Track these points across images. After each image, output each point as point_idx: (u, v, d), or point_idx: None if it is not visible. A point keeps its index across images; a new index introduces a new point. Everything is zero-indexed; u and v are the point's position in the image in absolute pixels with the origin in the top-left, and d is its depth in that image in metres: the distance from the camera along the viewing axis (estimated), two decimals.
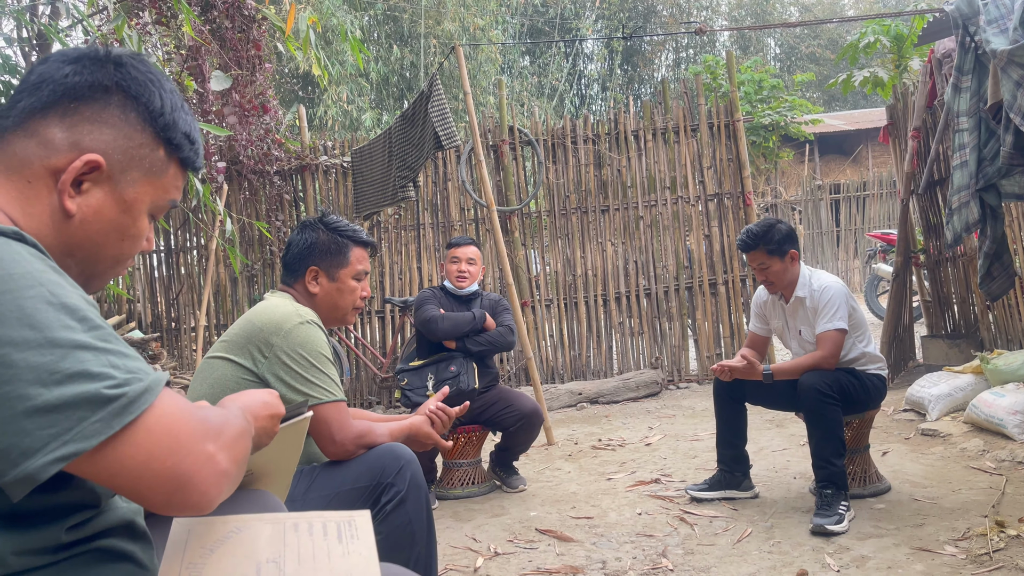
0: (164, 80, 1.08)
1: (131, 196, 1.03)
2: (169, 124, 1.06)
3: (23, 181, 0.98)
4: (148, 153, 1.05)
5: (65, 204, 0.98)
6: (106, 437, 0.81)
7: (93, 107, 1.01)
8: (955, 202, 3.65)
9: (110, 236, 1.03)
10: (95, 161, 0.99)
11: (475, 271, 4.15)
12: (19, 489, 0.80)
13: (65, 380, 0.80)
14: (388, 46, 16.20)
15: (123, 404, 0.82)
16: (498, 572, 2.89)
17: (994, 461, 3.76)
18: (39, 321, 0.81)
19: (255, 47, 6.15)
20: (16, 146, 0.99)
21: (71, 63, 1.02)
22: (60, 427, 0.79)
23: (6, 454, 0.79)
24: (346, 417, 2.11)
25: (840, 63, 18.63)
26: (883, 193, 15.05)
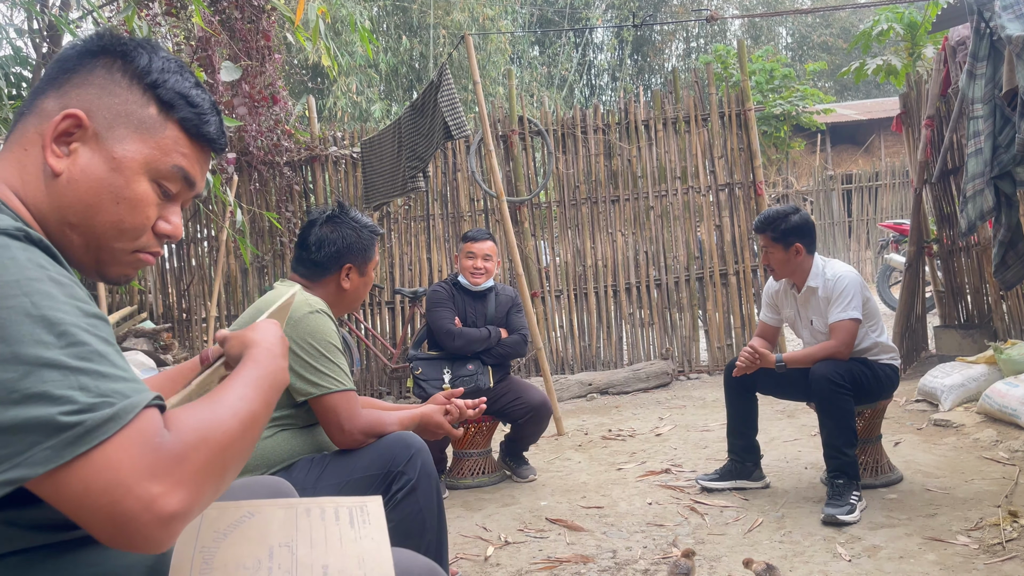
0: (160, 49, 1.07)
1: (119, 153, 1.01)
2: (158, 81, 1.04)
3: (20, 150, 1.00)
4: (136, 109, 1.02)
5: (48, 160, 0.98)
6: (53, 467, 0.77)
7: (81, 72, 1.02)
8: (969, 190, 3.62)
9: (102, 197, 1.00)
10: (74, 114, 0.99)
11: (491, 267, 4.08)
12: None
13: (22, 400, 0.76)
14: (397, 37, 16.18)
15: (77, 433, 0.77)
16: (508, 561, 2.89)
17: (1007, 451, 3.74)
18: (10, 334, 0.78)
19: (265, 38, 6.15)
20: (24, 125, 1.02)
21: (73, 46, 1.04)
22: (10, 450, 0.76)
23: None
24: (355, 406, 2.12)
25: (853, 51, 18.49)
26: (896, 183, 14.96)
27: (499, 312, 4.13)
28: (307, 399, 2.12)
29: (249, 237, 6.76)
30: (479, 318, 4.09)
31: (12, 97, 5.32)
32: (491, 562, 2.89)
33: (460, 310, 4.08)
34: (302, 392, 2.10)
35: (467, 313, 4.08)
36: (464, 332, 3.97)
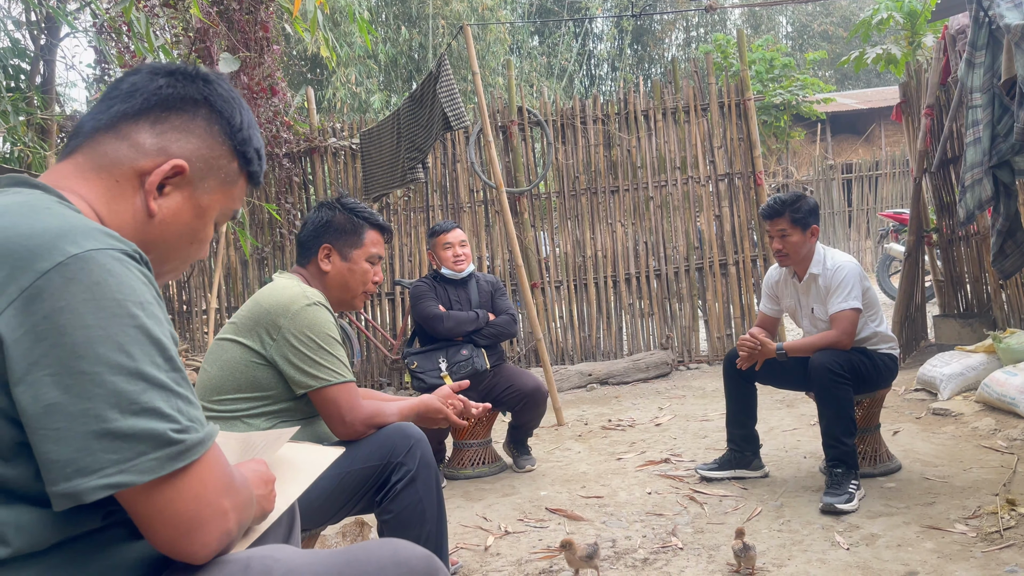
0: (242, 100, 1.17)
1: (206, 202, 1.11)
2: (245, 139, 1.14)
3: (112, 179, 1.04)
4: (225, 164, 1.12)
5: (149, 204, 1.05)
6: (157, 476, 0.85)
7: (182, 117, 1.09)
8: (968, 179, 3.62)
9: (183, 238, 1.10)
10: (181, 166, 1.06)
11: (468, 252, 4.17)
12: (62, 502, 0.84)
13: (141, 412, 0.84)
14: (396, 27, 16.12)
15: (180, 450, 0.87)
16: (508, 551, 2.91)
17: (1006, 440, 3.75)
18: (134, 352, 0.85)
19: (263, 29, 6.13)
20: (106, 146, 1.05)
21: (164, 76, 1.10)
22: (121, 455, 0.83)
23: (63, 466, 0.82)
24: (355, 398, 2.12)
25: (852, 41, 18.44)
26: (896, 172, 14.94)
27: (483, 298, 4.18)
28: (307, 391, 2.12)
29: (249, 229, 6.77)
30: (464, 306, 4.13)
31: (10, 89, 5.31)
32: (491, 552, 2.91)
33: (444, 301, 4.11)
34: (301, 385, 2.11)
35: (451, 302, 4.12)
36: (452, 314, 4.02)
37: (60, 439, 0.82)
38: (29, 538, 0.86)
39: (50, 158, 4.82)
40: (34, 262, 0.84)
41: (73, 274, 0.84)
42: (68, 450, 0.82)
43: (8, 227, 0.87)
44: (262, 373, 2.09)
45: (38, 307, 0.83)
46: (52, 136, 5.27)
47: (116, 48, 5.58)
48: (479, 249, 6.89)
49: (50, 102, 5.38)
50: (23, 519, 0.86)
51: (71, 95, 25.20)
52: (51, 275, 0.84)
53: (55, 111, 5.39)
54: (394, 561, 1.00)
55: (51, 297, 0.83)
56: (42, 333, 0.82)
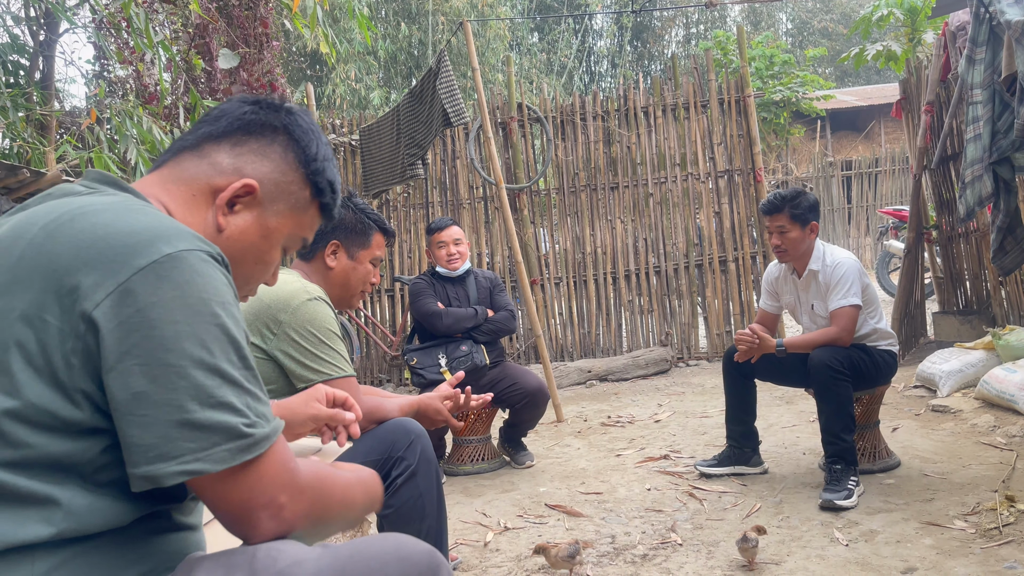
0: (322, 134, 1.22)
1: (273, 225, 1.16)
2: (319, 170, 1.19)
3: (189, 192, 1.11)
4: (296, 190, 1.17)
5: (219, 219, 1.11)
6: (228, 466, 0.91)
7: (261, 142, 1.15)
8: (968, 176, 3.62)
9: (248, 256, 1.15)
10: (251, 185, 1.12)
11: (464, 250, 4.15)
12: (141, 484, 0.90)
13: (216, 406, 0.90)
14: (396, 24, 16.09)
15: (249, 443, 0.92)
16: (508, 547, 2.91)
17: (1005, 437, 3.76)
18: (215, 349, 0.91)
19: (262, 25, 6.12)
20: (188, 163, 1.13)
21: (251, 104, 1.17)
22: (198, 444, 0.89)
23: (145, 450, 0.88)
24: (356, 393, 2.12)
25: (853, 37, 18.42)
26: (895, 169, 14.94)
27: (481, 294, 4.17)
28: (307, 386, 2.12)
29: None
30: (462, 303, 4.13)
31: (9, 85, 5.31)
32: (490, 547, 2.91)
33: (442, 297, 4.11)
34: (302, 379, 2.11)
35: (450, 300, 4.11)
36: (451, 311, 4.02)
37: (145, 425, 0.88)
38: (77, 521, 0.90)
39: (49, 154, 4.81)
40: (131, 258, 0.90)
41: (166, 272, 0.90)
42: (151, 436, 0.88)
43: (109, 224, 0.93)
44: (263, 367, 2.09)
45: (132, 301, 0.89)
46: (51, 132, 5.26)
47: (115, 44, 5.57)
48: (479, 246, 6.89)
49: (49, 98, 5.38)
50: (75, 502, 0.90)
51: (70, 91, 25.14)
52: (146, 272, 0.90)
53: (54, 107, 5.38)
54: (397, 556, 1.01)
55: (145, 292, 0.89)
56: (135, 325, 0.88)
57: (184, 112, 5.44)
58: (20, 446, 0.88)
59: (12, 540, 0.86)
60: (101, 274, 0.89)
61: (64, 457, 0.90)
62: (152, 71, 5.47)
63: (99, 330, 0.88)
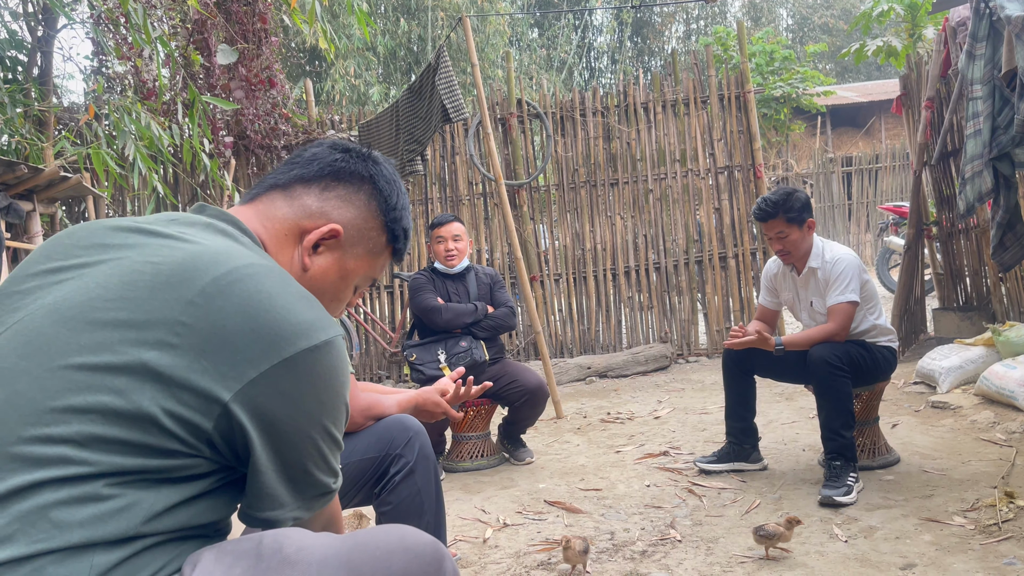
0: (401, 184, 1.31)
1: (351, 267, 1.24)
2: (397, 219, 1.28)
3: (281, 232, 1.19)
4: (375, 236, 1.26)
5: (304, 259, 1.19)
6: (311, 515, 1.09)
7: (348, 189, 1.23)
8: (968, 171, 3.61)
9: (326, 294, 1.22)
10: (337, 230, 1.20)
11: (463, 247, 4.13)
12: (258, 525, 1.04)
13: (324, 469, 1.05)
14: (395, 19, 16.06)
15: (331, 496, 1.10)
16: (507, 543, 2.91)
17: (1004, 433, 3.75)
18: (339, 422, 1.06)
19: (261, 20, 6.11)
20: (278, 202, 1.21)
21: (342, 152, 1.26)
22: (306, 496, 1.05)
23: (272, 499, 1.02)
24: (353, 389, 2.12)
25: (853, 33, 18.39)
26: (896, 165, 14.92)
27: (481, 291, 4.17)
28: None
29: None
30: (462, 299, 4.12)
31: (7, 81, 5.30)
32: (489, 544, 2.91)
33: (442, 293, 4.10)
34: None
35: (449, 296, 4.10)
36: (450, 306, 4.01)
37: (276, 480, 1.00)
38: (149, 526, 0.92)
39: (47, 150, 4.81)
40: (296, 340, 0.98)
41: (321, 356, 1.00)
42: (278, 488, 1.01)
43: (274, 297, 0.99)
44: None
45: (291, 375, 0.97)
46: (49, 128, 5.25)
47: (113, 39, 5.56)
48: (478, 242, 6.88)
49: (47, 94, 5.37)
50: (157, 506, 0.93)
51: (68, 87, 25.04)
52: (306, 353, 0.98)
53: (52, 103, 5.37)
54: (402, 546, 1.02)
55: (303, 371, 0.98)
56: (289, 397, 0.98)
57: (182, 108, 5.42)
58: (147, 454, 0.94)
59: (91, 538, 0.88)
60: (265, 346, 0.96)
61: (172, 472, 0.95)
62: (150, 67, 5.46)
63: (260, 390, 0.95)
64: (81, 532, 0.87)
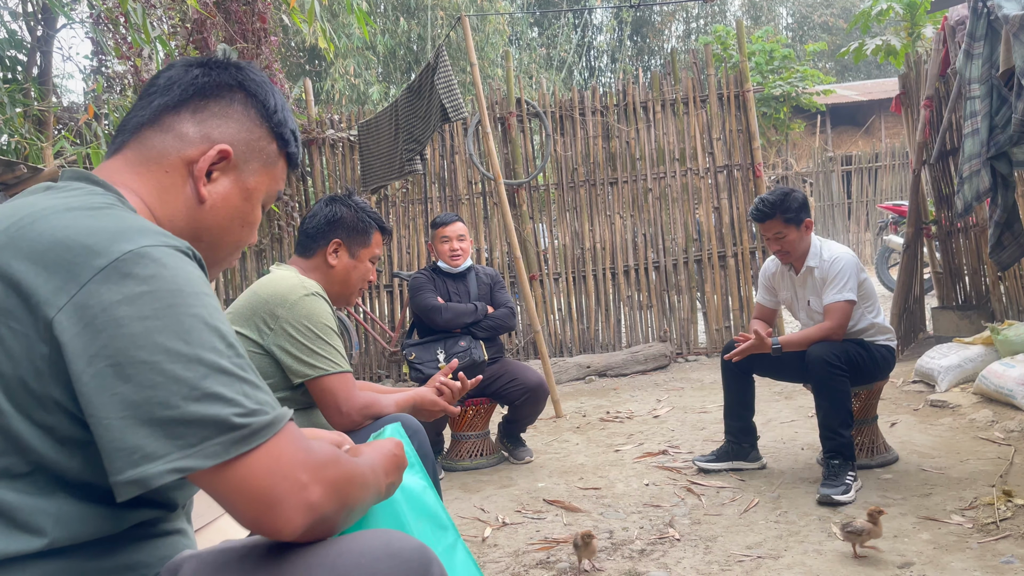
0: (273, 85, 1.21)
1: (252, 184, 1.14)
2: (281, 121, 1.18)
3: (161, 171, 1.08)
4: (265, 145, 1.16)
5: (200, 190, 1.09)
6: (222, 461, 0.86)
7: (220, 103, 1.12)
8: (966, 170, 3.61)
9: (234, 221, 1.13)
10: (226, 151, 1.10)
11: (467, 247, 4.14)
12: (129, 490, 0.85)
13: (202, 398, 0.85)
14: (395, 18, 16.06)
15: (244, 434, 0.87)
16: (506, 542, 2.91)
17: (1003, 431, 3.76)
18: (194, 338, 0.87)
19: (260, 20, 6.11)
20: (152, 140, 1.09)
21: (198, 67, 1.14)
22: (185, 441, 0.84)
23: (130, 453, 0.83)
24: (352, 388, 2.12)
25: (852, 32, 18.39)
26: (895, 164, 14.91)
27: (481, 291, 4.17)
28: (304, 381, 2.13)
29: None
30: (463, 298, 4.12)
31: (7, 80, 5.30)
32: (489, 543, 2.92)
33: (443, 293, 4.10)
34: (299, 374, 2.11)
35: (450, 295, 4.11)
36: (450, 306, 4.01)
37: (125, 428, 0.83)
38: (67, 531, 0.88)
39: (46, 149, 4.81)
40: (91, 259, 0.87)
41: (129, 269, 0.87)
42: (134, 438, 0.83)
43: (68, 226, 0.90)
44: (259, 363, 2.10)
45: (96, 301, 0.85)
46: (49, 127, 5.25)
47: (113, 39, 5.56)
48: (477, 241, 6.88)
49: (47, 93, 5.37)
50: (63, 510, 0.88)
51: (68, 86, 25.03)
52: (107, 271, 0.86)
53: (52, 102, 5.37)
54: (387, 552, 0.97)
55: (108, 291, 0.85)
56: (100, 326, 0.84)
57: None
58: (3, 454, 0.87)
59: (3, 552, 0.85)
60: (61, 278, 0.86)
61: (50, 466, 0.88)
62: (150, 66, 5.46)
63: (62, 336, 0.84)
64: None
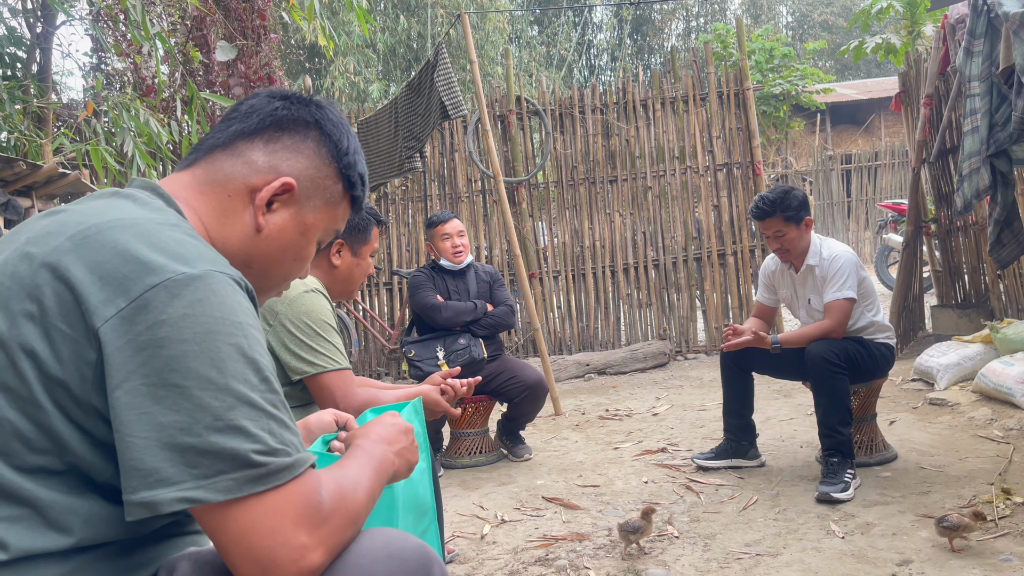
0: (350, 127, 1.22)
1: (311, 220, 1.14)
2: (351, 163, 1.18)
3: (224, 194, 1.09)
4: (331, 185, 1.16)
5: (258, 219, 1.09)
6: (233, 497, 0.85)
7: (294, 137, 1.13)
8: (966, 168, 3.61)
9: (287, 254, 1.13)
10: (290, 184, 1.10)
11: (467, 243, 4.14)
12: (138, 511, 0.85)
13: (225, 429, 0.85)
14: (395, 16, 16.05)
15: (260, 473, 0.86)
16: (505, 539, 2.91)
17: (1002, 430, 3.76)
18: (227, 368, 0.87)
19: (260, 17, 6.11)
20: (222, 163, 1.10)
21: (281, 99, 1.16)
22: (200, 471, 0.84)
23: (146, 474, 0.84)
24: (350, 385, 2.12)
25: (852, 31, 18.38)
26: (895, 163, 14.92)
27: (481, 288, 4.17)
28: (303, 378, 2.12)
29: None
30: (462, 296, 4.12)
31: (6, 78, 5.30)
32: (487, 540, 2.92)
33: (442, 291, 4.10)
34: (297, 371, 2.11)
35: (450, 293, 4.10)
36: (450, 304, 4.01)
37: (146, 448, 0.84)
38: (94, 531, 0.89)
39: (45, 146, 4.81)
40: (145, 276, 0.87)
41: (179, 290, 0.87)
42: (153, 460, 0.83)
43: (130, 240, 0.91)
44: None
45: (142, 318, 0.85)
46: (48, 125, 5.25)
47: (112, 36, 5.56)
48: (477, 239, 6.88)
49: (46, 90, 5.36)
50: (93, 511, 0.89)
51: (67, 83, 25.02)
52: (158, 289, 0.87)
53: (51, 99, 5.37)
54: (387, 552, 0.98)
55: (155, 310, 0.86)
56: (142, 344, 0.85)
57: (181, 105, 5.42)
58: (41, 452, 0.88)
59: (31, 549, 0.86)
60: (113, 290, 0.87)
61: (84, 468, 0.89)
62: (149, 64, 5.46)
63: (106, 348, 0.85)
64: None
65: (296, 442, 0.91)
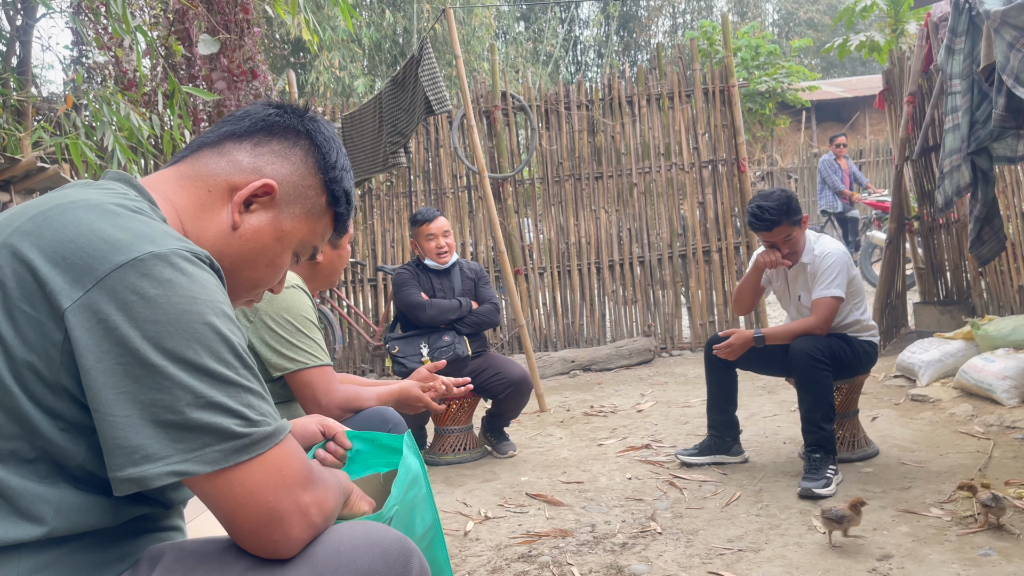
0: (342, 146, 1.23)
1: (288, 227, 1.14)
2: (337, 178, 1.19)
3: (204, 189, 1.10)
4: (314, 196, 1.16)
5: (234, 216, 1.09)
6: (221, 467, 0.88)
7: (283, 144, 1.14)
8: (947, 165, 3.63)
9: (259, 258, 1.12)
10: (270, 185, 1.10)
11: (452, 243, 4.11)
12: (127, 487, 0.86)
13: (206, 406, 0.87)
14: (380, 11, 15.97)
15: (245, 443, 0.89)
16: (488, 535, 2.91)
17: (982, 425, 3.79)
18: (203, 347, 0.88)
19: (243, 10, 6.04)
20: (207, 160, 1.12)
21: (276, 107, 1.18)
22: (186, 445, 0.86)
23: (131, 451, 0.85)
24: (332, 381, 2.11)
25: (837, 29, 18.46)
26: (879, 160, 15.01)
27: (466, 286, 4.15)
28: (283, 374, 2.11)
29: None
30: (447, 294, 4.10)
31: None
32: (471, 537, 2.91)
33: (427, 288, 4.08)
34: (278, 367, 2.09)
35: (435, 291, 4.08)
36: (435, 302, 3.99)
37: (129, 426, 0.85)
38: (67, 520, 0.89)
39: (24, 140, 4.75)
40: (111, 255, 0.87)
41: (147, 269, 0.87)
42: (138, 437, 0.85)
43: (93, 221, 0.91)
44: None
45: (110, 298, 0.86)
46: (28, 118, 5.18)
47: (93, 29, 5.49)
48: (462, 235, 6.86)
49: (26, 84, 5.30)
50: (65, 500, 0.89)
51: (48, 76, 24.75)
52: (125, 268, 0.87)
53: (31, 93, 5.31)
54: (367, 543, 0.98)
55: (124, 290, 0.86)
56: (114, 324, 0.85)
57: (163, 99, 5.37)
58: (10, 438, 0.88)
59: (2, 539, 0.85)
60: (79, 271, 0.86)
61: (55, 454, 0.89)
62: (130, 57, 5.40)
63: (74, 330, 0.85)
64: None
65: (274, 412, 0.94)
